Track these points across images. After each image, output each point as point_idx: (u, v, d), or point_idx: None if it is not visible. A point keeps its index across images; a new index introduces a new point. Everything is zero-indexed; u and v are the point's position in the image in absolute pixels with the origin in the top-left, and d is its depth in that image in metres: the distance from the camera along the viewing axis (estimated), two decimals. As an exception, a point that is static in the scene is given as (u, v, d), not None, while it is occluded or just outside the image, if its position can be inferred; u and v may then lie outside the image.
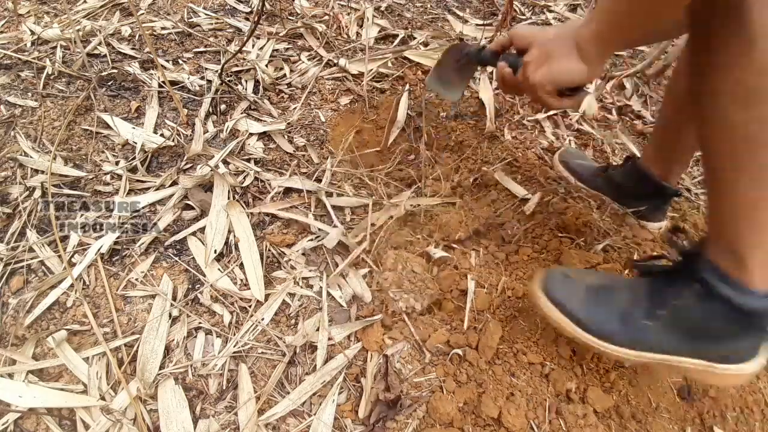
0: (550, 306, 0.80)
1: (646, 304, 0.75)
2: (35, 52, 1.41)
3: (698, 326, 0.71)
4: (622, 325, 0.76)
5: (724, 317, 0.69)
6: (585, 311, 0.78)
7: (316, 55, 1.59)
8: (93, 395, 0.84)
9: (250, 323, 0.94)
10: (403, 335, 0.95)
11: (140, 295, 0.97)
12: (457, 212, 1.17)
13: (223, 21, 1.64)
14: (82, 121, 1.26)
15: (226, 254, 1.04)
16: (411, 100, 1.50)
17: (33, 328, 0.92)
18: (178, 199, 1.11)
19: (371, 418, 0.84)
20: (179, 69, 1.43)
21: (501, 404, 0.86)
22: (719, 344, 0.72)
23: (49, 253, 1.00)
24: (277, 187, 1.16)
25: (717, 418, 0.93)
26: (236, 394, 0.86)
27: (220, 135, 1.27)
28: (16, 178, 1.12)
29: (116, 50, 1.45)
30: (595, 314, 0.78)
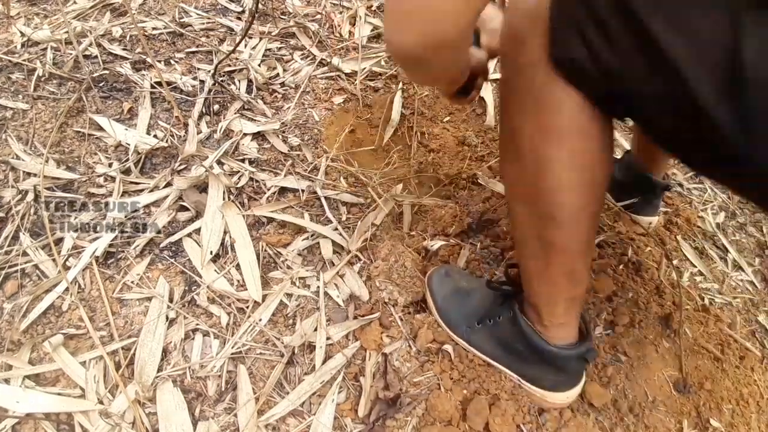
0: (428, 292, 0.98)
1: (482, 312, 0.90)
2: (25, 53, 1.40)
3: (510, 345, 0.85)
4: (464, 323, 0.92)
5: (525, 346, 0.82)
6: (444, 304, 0.95)
7: (309, 55, 1.58)
8: (91, 399, 0.83)
9: (248, 324, 0.94)
10: (398, 333, 0.95)
11: (136, 298, 0.96)
12: (452, 207, 1.17)
13: (215, 21, 1.63)
14: (74, 122, 1.25)
15: (222, 255, 1.04)
16: (404, 99, 1.50)
17: (29, 332, 0.91)
18: (173, 200, 1.10)
19: (371, 416, 0.84)
20: (171, 69, 1.43)
21: (494, 402, 0.86)
22: (525, 365, 0.86)
23: (43, 257, 1.00)
24: (273, 187, 1.16)
25: (713, 411, 0.94)
26: (235, 395, 0.86)
27: (214, 135, 1.27)
28: (8, 182, 1.10)
29: (107, 51, 1.44)
30: (449, 309, 0.95)
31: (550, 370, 0.83)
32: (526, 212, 0.70)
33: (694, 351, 1.02)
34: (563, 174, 0.62)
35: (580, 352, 0.79)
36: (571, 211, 0.66)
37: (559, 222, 0.66)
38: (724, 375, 1.00)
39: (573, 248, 0.70)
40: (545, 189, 0.64)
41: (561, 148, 0.61)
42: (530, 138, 0.63)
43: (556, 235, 0.68)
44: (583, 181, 0.64)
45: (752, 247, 1.31)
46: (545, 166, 0.63)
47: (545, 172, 0.63)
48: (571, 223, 0.67)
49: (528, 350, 0.82)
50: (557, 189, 0.64)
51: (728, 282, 1.19)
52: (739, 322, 1.10)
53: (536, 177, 0.64)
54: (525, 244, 0.74)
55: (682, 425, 0.91)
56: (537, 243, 0.71)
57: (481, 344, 0.90)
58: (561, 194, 0.64)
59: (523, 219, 0.72)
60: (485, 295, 0.92)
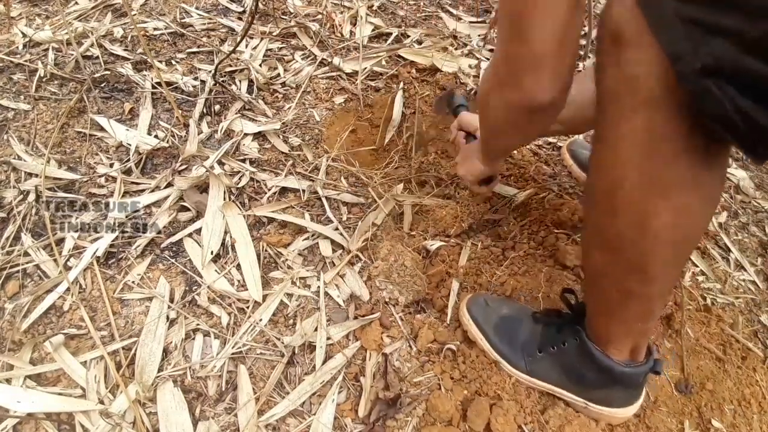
0: (471, 322, 0.94)
1: (540, 339, 0.87)
2: (27, 54, 1.40)
3: (577, 370, 0.83)
4: (523, 353, 0.89)
5: (594, 370, 0.80)
6: (496, 336, 0.91)
7: (310, 54, 1.58)
8: (92, 399, 0.83)
9: (248, 324, 0.94)
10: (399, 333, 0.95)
11: (137, 298, 0.96)
12: (453, 208, 1.17)
13: (216, 21, 1.63)
14: (76, 123, 1.25)
15: (223, 255, 1.04)
16: (405, 99, 1.49)
17: (30, 332, 0.91)
18: (174, 200, 1.10)
19: (371, 416, 0.84)
20: (172, 70, 1.43)
21: (495, 402, 0.86)
22: (593, 389, 0.83)
23: (44, 257, 1.00)
24: (273, 187, 1.16)
25: (715, 411, 0.93)
26: (236, 395, 0.86)
27: (215, 136, 1.27)
28: (10, 182, 1.11)
29: (108, 51, 1.45)
30: (503, 340, 0.91)
31: (619, 388, 0.81)
32: (611, 261, 0.65)
33: (695, 351, 1.02)
34: (665, 231, 0.57)
35: (650, 366, 0.78)
36: (664, 267, 0.62)
37: (651, 275, 0.62)
38: (725, 375, 0.99)
39: (656, 296, 0.67)
40: (641, 244, 0.59)
41: (668, 202, 0.55)
42: (634, 190, 0.56)
43: (644, 287, 0.65)
44: (684, 238, 0.59)
45: (755, 247, 1.30)
46: (647, 221, 0.57)
47: (646, 229, 0.57)
48: (661, 276, 0.63)
49: (597, 373, 0.80)
50: (654, 246, 0.59)
51: (730, 282, 1.19)
52: (741, 322, 1.10)
53: (634, 232, 0.59)
54: (602, 291, 0.71)
55: (683, 425, 0.91)
56: (618, 292, 0.67)
57: (544, 373, 0.87)
58: (658, 251, 0.59)
59: (605, 268, 0.67)
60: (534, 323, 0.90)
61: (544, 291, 1.04)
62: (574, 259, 1.07)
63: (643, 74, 0.49)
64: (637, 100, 0.51)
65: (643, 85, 0.50)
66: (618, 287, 0.67)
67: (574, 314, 0.86)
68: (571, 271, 1.08)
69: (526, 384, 0.89)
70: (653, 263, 0.61)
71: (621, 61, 0.51)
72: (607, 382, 0.81)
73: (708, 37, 0.43)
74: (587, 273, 0.75)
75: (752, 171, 1.51)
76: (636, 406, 0.85)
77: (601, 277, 0.70)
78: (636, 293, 0.66)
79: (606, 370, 0.78)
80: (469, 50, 1.69)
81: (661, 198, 0.55)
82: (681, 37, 0.45)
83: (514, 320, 0.92)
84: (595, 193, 0.63)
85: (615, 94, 0.54)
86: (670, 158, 0.52)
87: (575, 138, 1.43)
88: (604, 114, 0.57)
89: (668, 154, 0.52)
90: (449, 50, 1.66)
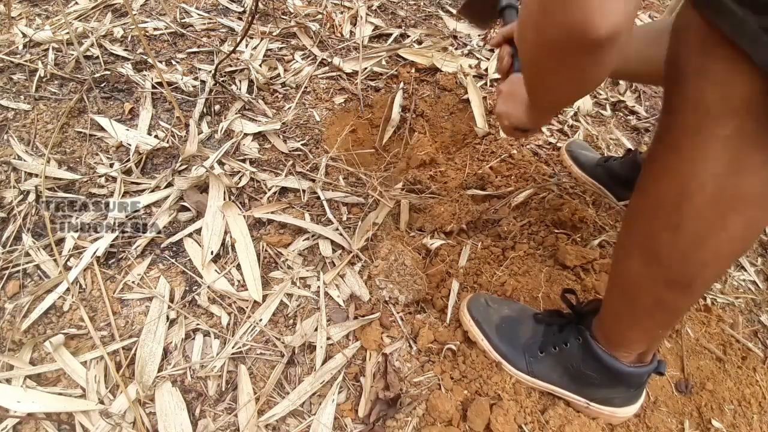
0: (471, 322, 0.94)
1: (542, 340, 0.88)
2: (27, 54, 1.40)
3: (579, 370, 0.83)
4: (525, 354, 0.89)
5: (597, 370, 0.80)
6: (497, 337, 0.91)
7: (310, 54, 1.58)
8: (91, 399, 0.83)
9: (248, 324, 0.94)
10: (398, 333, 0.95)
11: (137, 298, 0.96)
12: (451, 205, 1.17)
13: (216, 21, 1.63)
14: (76, 123, 1.25)
15: (223, 255, 1.04)
16: (405, 99, 1.49)
17: (30, 332, 0.91)
18: (174, 200, 1.10)
19: (371, 416, 0.84)
20: (172, 70, 1.43)
21: (496, 402, 0.86)
22: (595, 388, 0.84)
23: (44, 257, 1.00)
24: (273, 187, 1.16)
25: (715, 411, 0.94)
26: (236, 395, 0.86)
27: (215, 136, 1.27)
28: (10, 182, 1.11)
29: (108, 51, 1.44)
30: (502, 340, 0.91)
31: (621, 388, 0.82)
32: (651, 274, 0.63)
33: (695, 351, 1.02)
34: (725, 247, 0.55)
35: (654, 367, 0.78)
36: (709, 280, 0.61)
37: (692, 289, 0.61)
38: (725, 375, 0.99)
39: (687, 306, 0.68)
40: (695, 260, 0.57)
41: (739, 217, 0.53)
42: (706, 204, 0.53)
43: (681, 299, 0.63)
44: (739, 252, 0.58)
45: (755, 247, 1.30)
46: (710, 237, 0.55)
47: (706, 245, 0.55)
48: (701, 289, 0.63)
49: (600, 373, 0.80)
50: (710, 262, 0.57)
51: (730, 282, 1.19)
52: (741, 322, 1.10)
53: (692, 247, 0.56)
54: (631, 300, 0.69)
55: (683, 426, 0.91)
56: (652, 301, 0.66)
57: (546, 374, 0.87)
58: (710, 267, 0.58)
59: (644, 279, 0.65)
60: (536, 323, 0.91)
61: (544, 291, 1.04)
62: (574, 259, 1.07)
63: (737, 80, 0.48)
64: (729, 105, 0.49)
65: (735, 93, 0.49)
66: (653, 299, 0.65)
67: (576, 314, 0.86)
68: (571, 271, 1.08)
69: (527, 384, 0.90)
70: (701, 278, 0.60)
71: (710, 70, 0.50)
72: (610, 382, 0.81)
73: None
74: (618, 280, 0.73)
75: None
76: (637, 405, 0.85)
77: (635, 287, 0.67)
78: (670, 306, 0.65)
79: (610, 370, 0.78)
80: (469, 50, 1.70)
81: (734, 212, 0.53)
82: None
83: (515, 320, 0.92)
84: (655, 203, 0.60)
85: (699, 100, 0.51)
86: (753, 169, 0.50)
87: (573, 139, 1.43)
88: (679, 122, 0.54)
89: (752, 165, 0.50)
90: (449, 50, 1.66)
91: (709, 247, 0.56)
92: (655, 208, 0.60)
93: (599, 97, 1.67)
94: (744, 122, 0.49)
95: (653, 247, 0.61)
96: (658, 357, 0.80)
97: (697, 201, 0.54)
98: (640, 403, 0.85)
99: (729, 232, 0.54)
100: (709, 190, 0.53)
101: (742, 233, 0.55)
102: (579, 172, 1.31)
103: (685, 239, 0.57)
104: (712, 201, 0.53)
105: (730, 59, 0.47)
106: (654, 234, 0.61)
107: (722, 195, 0.52)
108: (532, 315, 0.92)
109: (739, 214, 0.53)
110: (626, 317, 0.73)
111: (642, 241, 0.64)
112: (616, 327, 0.77)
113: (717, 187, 0.52)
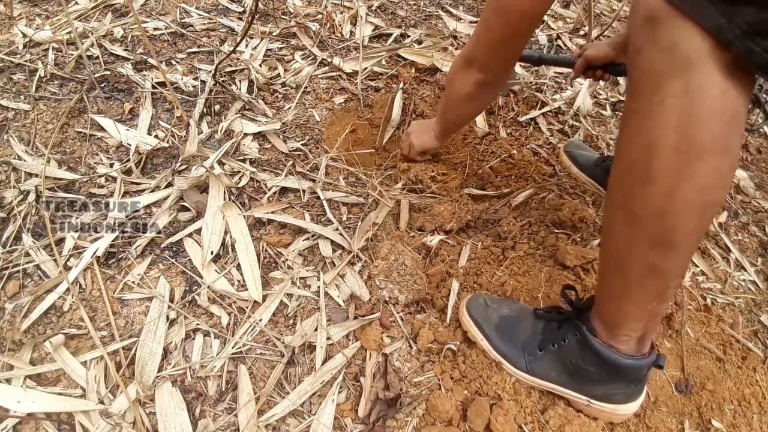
0: (471, 322, 0.94)
1: (541, 338, 0.88)
2: (27, 54, 1.40)
3: (578, 367, 0.83)
4: (524, 353, 0.89)
5: (596, 365, 0.81)
6: (497, 336, 0.92)
7: (310, 54, 1.58)
8: (91, 399, 0.83)
9: (248, 324, 0.94)
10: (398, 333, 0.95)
11: (137, 298, 0.96)
12: (451, 205, 1.17)
13: (216, 21, 1.63)
14: (76, 123, 1.25)
15: (223, 255, 1.04)
16: (405, 99, 1.49)
17: (30, 332, 0.91)
18: (174, 200, 1.10)
19: (371, 416, 0.84)
20: (172, 70, 1.43)
21: (496, 402, 0.86)
22: (595, 385, 0.84)
23: (44, 257, 1.00)
24: (273, 187, 1.16)
25: (715, 411, 0.94)
26: (236, 395, 0.86)
27: (215, 136, 1.27)
28: (10, 182, 1.11)
29: (108, 51, 1.45)
30: (502, 339, 0.91)
31: (621, 384, 0.82)
32: (634, 235, 0.67)
33: (695, 351, 1.02)
34: (695, 196, 0.59)
35: (653, 360, 0.79)
36: (689, 235, 0.63)
37: (674, 245, 0.64)
38: (725, 375, 0.99)
39: (675, 270, 0.69)
40: (670, 212, 0.61)
41: (704, 165, 0.58)
42: (671, 154, 0.59)
43: (666, 258, 0.66)
44: (709, 203, 0.61)
45: (755, 247, 1.30)
46: (680, 186, 0.60)
47: (677, 194, 0.60)
48: (684, 246, 0.65)
49: (599, 368, 0.81)
50: (683, 212, 0.61)
51: (730, 282, 1.19)
52: (741, 322, 1.10)
53: (665, 199, 0.61)
54: (622, 267, 0.71)
55: (683, 426, 0.91)
56: (640, 266, 0.68)
57: (545, 372, 0.87)
58: (685, 218, 0.61)
59: (629, 242, 0.68)
60: (535, 320, 0.91)
61: (544, 291, 1.04)
62: (574, 259, 1.07)
63: (680, 43, 0.56)
64: (675, 66, 0.57)
65: (681, 52, 0.56)
66: (640, 262, 0.68)
67: (575, 311, 0.86)
68: (571, 271, 1.08)
69: (527, 384, 0.89)
70: (679, 232, 0.63)
71: (657, 38, 0.58)
72: (610, 377, 0.81)
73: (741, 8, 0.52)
74: (606, 252, 0.76)
75: (752, 171, 1.51)
76: (638, 403, 0.85)
77: (622, 254, 0.70)
78: (657, 267, 0.67)
79: (609, 363, 0.79)
80: (469, 50, 1.69)
81: (698, 160, 0.58)
82: (716, 14, 0.53)
83: (515, 320, 0.93)
84: (627, 164, 0.66)
85: (651, 67, 0.60)
86: (705, 118, 0.56)
87: (571, 140, 1.43)
88: (639, 90, 0.62)
89: (706, 114, 0.56)
90: (449, 50, 1.66)
91: (680, 197, 0.60)
92: (628, 168, 0.66)
93: (599, 97, 1.67)
94: (691, 78, 0.56)
95: (631, 208, 0.66)
96: (657, 350, 0.80)
97: (663, 152, 0.60)
98: (641, 400, 0.85)
99: (696, 180, 0.59)
100: (670, 140, 0.59)
101: (709, 181, 0.59)
102: (578, 172, 1.31)
103: (657, 191, 0.61)
104: (675, 151, 0.59)
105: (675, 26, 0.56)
106: (630, 193, 0.66)
107: (683, 144, 0.58)
108: (532, 312, 0.92)
109: (702, 162, 0.58)
110: (620, 292, 0.74)
111: (621, 205, 0.68)
112: (610, 304, 0.78)
113: (678, 137, 0.58)
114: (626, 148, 0.66)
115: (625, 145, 0.66)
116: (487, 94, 1.04)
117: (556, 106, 1.56)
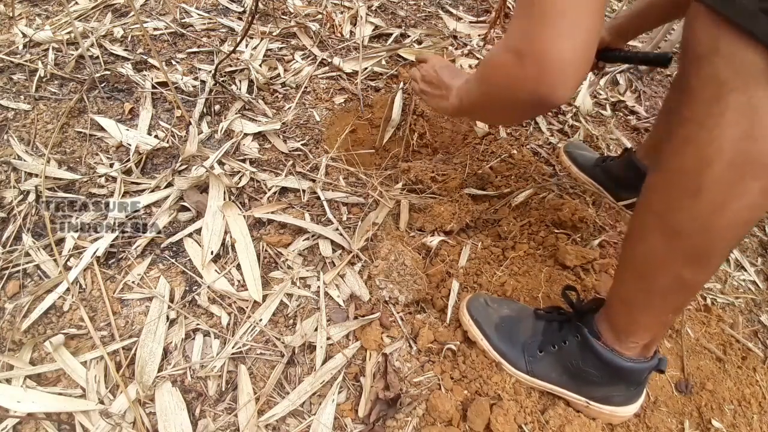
0: (471, 322, 0.94)
1: (540, 338, 0.88)
2: (27, 54, 1.40)
3: (578, 369, 0.83)
4: (524, 353, 0.89)
5: (597, 368, 0.81)
6: (497, 336, 0.92)
7: (310, 54, 1.58)
8: (92, 399, 0.83)
9: (248, 324, 0.94)
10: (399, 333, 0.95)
11: (137, 298, 0.96)
12: (451, 205, 1.17)
13: (216, 21, 1.63)
14: (76, 123, 1.25)
15: (223, 255, 1.04)
16: (405, 99, 1.49)
17: (30, 332, 0.91)
18: (174, 200, 1.10)
19: (371, 416, 0.84)
20: (172, 70, 1.43)
21: (496, 402, 0.86)
22: (595, 387, 0.84)
23: (44, 257, 1.00)
24: (273, 187, 1.16)
25: (715, 411, 0.94)
26: (236, 395, 0.86)
27: (215, 136, 1.27)
28: (10, 182, 1.11)
29: (108, 51, 1.44)
30: (502, 339, 0.91)
31: (621, 386, 0.82)
32: (671, 247, 0.64)
33: (695, 351, 1.02)
34: (743, 214, 0.58)
35: (654, 364, 0.79)
36: (724, 252, 0.62)
37: (710, 262, 0.63)
38: (725, 375, 0.99)
39: (701, 286, 0.68)
40: (715, 228, 0.59)
41: (756, 182, 0.56)
42: (726, 170, 0.56)
43: (698, 274, 0.65)
44: (752, 221, 0.60)
45: (755, 247, 1.30)
46: (730, 202, 0.57)
47: (726, 210, 0.58)
48: (716, 262, 0.64)
49: (600, 371, 0.80)
50: (728, 229, 0.59)
51: (730, 282, 1.19)
52: (741, 322, 1.10)
53: (712, 213, 0.59)
54: (648, 278, 0.69)
55: (683, 426, 0.91)
56: (670, 279, 0.66)
57: (545, 373, 0.87)
58: (727, 235, 0.60)
59: (663, 254, 0.66)
60: (536, 320, 0.91)
61: (544, 291, 1.04)
62: (574, 259, 1.07)
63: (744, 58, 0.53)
64: (739, 79, 0.54)
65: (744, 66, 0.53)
66: (671, 275, 0.66)
67: (576, 312, 0.86)
68: (571, 271, 1.08)
69: (527, 384, 0.89)
70: (718, 248, 0.62)
71: (720, 49, 0.55)
72: (610, 380, 0.81)
73: None
74: (632, 260, 0.73)
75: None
76: (637, 405, 0.85)
77: (651, 264, 0.68)
78: (687, 283, 0.66)
79: (610, 366, 0.78)
80: (469, 50, 1.70)
81: (753, 178, 0.56)
82: None
83: (515, 320, 0.93)
84: (676, 173, 0.63)
85: (714, 76, 0.56)
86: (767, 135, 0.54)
87: (571, 139, 1.43)
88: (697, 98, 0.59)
89: (765, 131, 0.54)
90: (449, 50, 1.66)
91: (728, 213, 0.58)
92: (675, 178, 0.62)
93: (599, 97, 1.67)
94: (756, 91, 0.53)
95: (673, 219, 0.63)
96: (659, 354, 0.80)
97: (717, 166, 0.57)
98: (640, 402, 0.85)
99: (747, 198, 0.57)
100: (727, 155, 0.56)
101: (760, 200, 0.57)
102: (578, 172, 1.31)
103: (705, 206, 0.59)
104: (730, 166, 0.56)
105: (736, 37, 0.53)
106: (674, 204, 0.63)
107: (739, 160, 0.55)
108: (532, 312, 0.92)
109: (756, 180, 0.55)
110: (640, 302, 0.73)
111: (661, 214, 0.65)
112: (627, 314, 0.76)
113: (734, 151, 0.55)
114: (677, 156, 0.62)
115: (675, 155, 0.62)
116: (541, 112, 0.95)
117: (556, 106, 1.56)
